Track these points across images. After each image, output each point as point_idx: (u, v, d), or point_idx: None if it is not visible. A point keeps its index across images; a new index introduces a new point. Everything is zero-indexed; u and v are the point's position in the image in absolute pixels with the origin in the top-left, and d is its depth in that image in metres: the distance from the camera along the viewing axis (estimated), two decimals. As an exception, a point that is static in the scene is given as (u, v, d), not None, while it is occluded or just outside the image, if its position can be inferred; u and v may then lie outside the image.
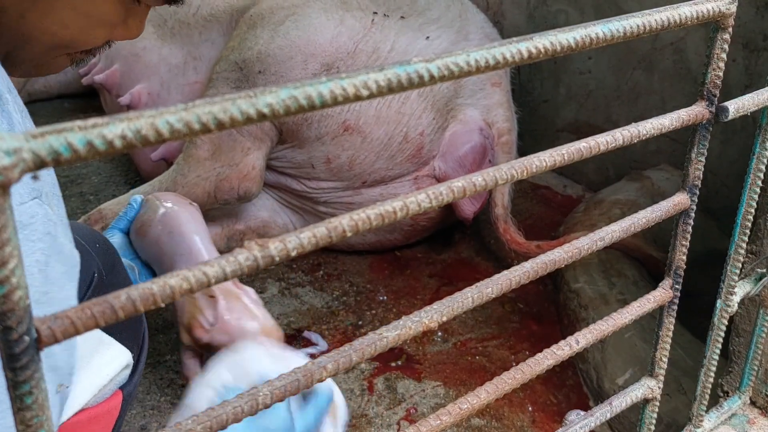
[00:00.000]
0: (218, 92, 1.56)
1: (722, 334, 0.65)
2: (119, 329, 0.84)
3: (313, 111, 0.29)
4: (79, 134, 0.24)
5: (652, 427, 0.60)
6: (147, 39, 1.82)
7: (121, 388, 0.83)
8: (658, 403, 0.60)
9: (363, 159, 1.56)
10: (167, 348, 1.41)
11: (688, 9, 0.44)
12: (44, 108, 2.51)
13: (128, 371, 0.83)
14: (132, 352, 0.84)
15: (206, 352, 1.04)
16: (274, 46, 1.49)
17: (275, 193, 1.71)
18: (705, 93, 0.48)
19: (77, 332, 0.27)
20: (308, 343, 1.44)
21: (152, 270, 1.08)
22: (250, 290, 1.04)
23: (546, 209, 1.92)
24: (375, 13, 1.54)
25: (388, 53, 1.52)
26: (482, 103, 1.62)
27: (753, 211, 0.61)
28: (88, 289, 0.81)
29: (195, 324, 1.01)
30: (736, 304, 0.65)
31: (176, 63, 1.78)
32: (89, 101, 2.50)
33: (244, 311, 1.01)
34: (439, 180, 1.62)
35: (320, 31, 1.49)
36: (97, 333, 0.74)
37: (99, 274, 0.84)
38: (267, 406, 0.35)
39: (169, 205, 1.12)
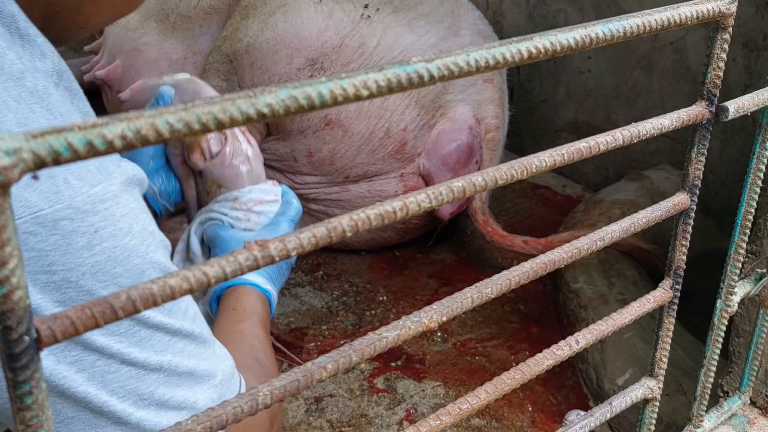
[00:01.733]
0: (210, 84, 1.57)
1: (722, 334, 0.65)
2: None
3: (312, 111, 0.29)
4: (79, 134, 0.24)
5: (652, 428, 0.60)
6: (149, 34, 1.81)
7: None
8: (658, 403, 0.60)
9: (344, 153, 1.56)
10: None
11: (688, 9, 0.44)
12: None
13: None
14: None
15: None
16: (262, 39, 1.49)
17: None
18: (705, 93, 0.48)
19: (77, 332, 0.27)
20: None
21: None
22: (254, 143, 1.10)
23: (545, 209, 1.92)
24: (366, 6, 1.53)
25: (374, 48, 1.52)
26: (473, 98, 1.61)
27: (753, 211, 0.61)
28: None
29: (196, 148, 1.04)
30: (736, 304, 0.65)
31: (177, 58, 1.78)
32: (91, 101, 2.49)
33: (245, 157, 1.08)
34: (424, 177, 1.61)
35: (307, 24, 1.49)
36: None
37: None
38: (267, 406, 0.35)
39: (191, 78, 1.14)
